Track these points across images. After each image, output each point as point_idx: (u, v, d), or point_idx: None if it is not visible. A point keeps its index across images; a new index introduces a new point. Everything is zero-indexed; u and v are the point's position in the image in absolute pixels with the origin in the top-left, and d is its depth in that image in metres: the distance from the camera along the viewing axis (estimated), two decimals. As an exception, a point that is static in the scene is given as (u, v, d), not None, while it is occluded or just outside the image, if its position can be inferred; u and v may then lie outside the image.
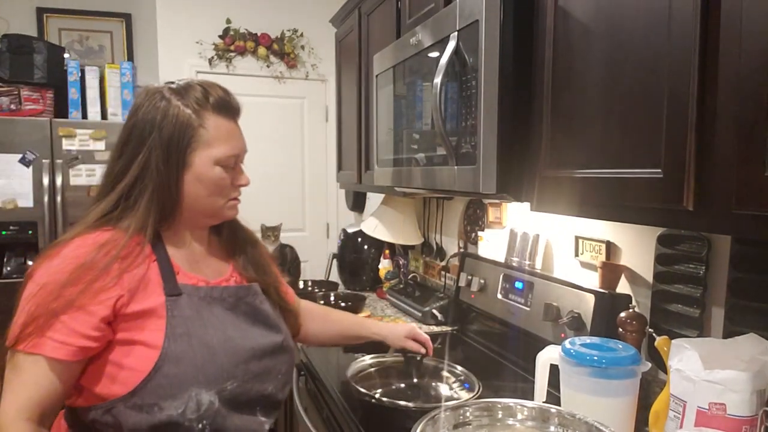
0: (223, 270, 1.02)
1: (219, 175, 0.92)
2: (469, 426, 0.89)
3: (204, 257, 1.00)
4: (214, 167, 0.92)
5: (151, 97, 0.91)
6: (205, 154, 0.91)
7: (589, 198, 0.90)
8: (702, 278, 1.05)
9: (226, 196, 0.96)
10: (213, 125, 0.91)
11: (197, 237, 1.01)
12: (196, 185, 0.91)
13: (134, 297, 0.85)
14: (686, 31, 0.71)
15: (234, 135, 0.95)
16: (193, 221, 0.97)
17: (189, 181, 0.91)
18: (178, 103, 0.89)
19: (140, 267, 0.87)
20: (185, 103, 0.90)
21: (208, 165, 0.91)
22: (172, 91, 0.91)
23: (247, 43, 3.16)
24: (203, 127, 0.90)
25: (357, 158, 2.10)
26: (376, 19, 1.92)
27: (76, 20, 3.33)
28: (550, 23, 0.98)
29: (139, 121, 0.90)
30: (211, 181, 0.92)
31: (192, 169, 0.90)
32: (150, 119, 0.89)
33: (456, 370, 1.37)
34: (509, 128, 1.05)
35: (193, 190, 0.92)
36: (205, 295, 0.93)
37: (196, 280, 0.94)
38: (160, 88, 0.92)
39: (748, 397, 0.80)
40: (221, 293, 0.95)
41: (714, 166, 0.69)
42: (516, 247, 1.60)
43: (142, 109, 0.90)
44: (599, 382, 0.93)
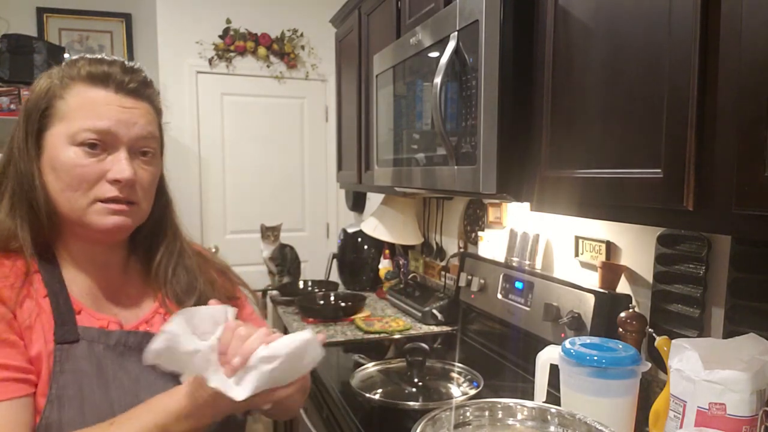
0: (145, 306, 0.78)
1: (73, 159, 0.68)
2: (469, 426, 0.89)
3: (117, 291, 0.77)
4: (68, 147, 0.69)
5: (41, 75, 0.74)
6: (57, 130, 0.69)
7: (589, 198, 0.90)
8: (702, 278, 1.05)
9: (88, 194, 0.70)
10: (75, 96, 0.70)
11: (106, 261, 0.76)
12: (50, 175, 0.70)
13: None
14: (686, 31, 0.71)
15: (107, 107, 0.70)
16: (72, 235, 0.73)
17: (44, 169, 0.70)
18: (51, 75, 0.72)
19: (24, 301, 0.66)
20: (59, 75, 0.72)
21: (60, 144, 0.69)
22: (59, 66, 0.74)
23: (247, 43, 3.16)
24: (62, 98, 0.70)
25: (357, 158, 2.10)
26: (376, 19, 1.92)
27: (77, 20, 3.33)
28: (550, 23, 0.98)
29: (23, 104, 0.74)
30: (63, 167, 0.68)
31: (45, 152, 0.70)
32: (25, 100, 0.73)
33: (461, 369, 1.37)
34: (509, 128, 1.05)
35: (49, 182, 0.70)
36: (117, 342, 0.71)
37: (105, 321, 0.72)
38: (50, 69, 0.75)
39: (747, 397, 0.80)
40: (140, 340, 0.71)
41: (714, 166, 0.69)
42: (516, 247, 1.60)
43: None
44: (599, 382, 0.93)
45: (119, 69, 0.73)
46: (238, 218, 3.26)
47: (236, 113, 3.23)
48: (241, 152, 3.25)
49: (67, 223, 0.72)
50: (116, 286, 0.77)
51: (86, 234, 0.73)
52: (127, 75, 0.73)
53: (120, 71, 0.73)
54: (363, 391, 1.26)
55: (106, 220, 0.71)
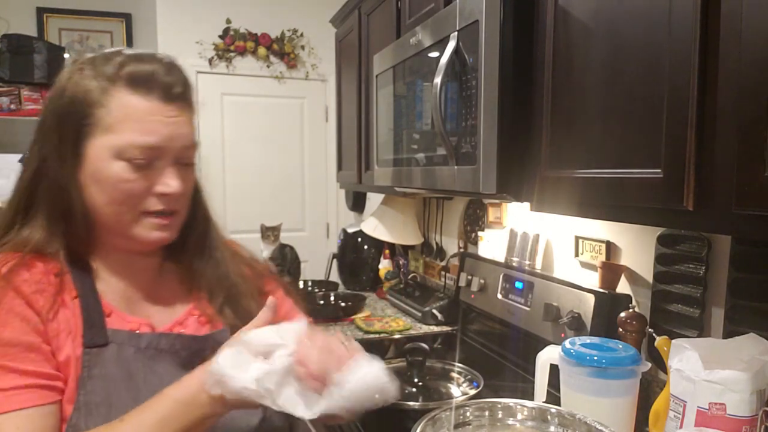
0: (178, 308, 0.76)
1: (119, 174, 0.66)
2: (469, 426, 0.89)
3: (152, 293, 0.75)
4: (113, 162, 0.66)
5: (65, 70, 0.69)
6: (100, 142, 0.66)
7: (589, 198, 0.90)
8: (702, 278, 1.05)
9: (135, 208, 0.68)
10: (119, 104, 0.66)
11: (142, 265, 0.75)
12: (92, 187, 0.67)
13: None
14: (686, 31, 0.71)
15: (153, 119, 0.67)
16: (109, 243, 0.72)
17: (84, 181, 0.67)
18: (84, 74, 0.67)
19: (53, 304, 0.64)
20: (94, 74, 0.67)
21: (105, 158, 0.66)
22: (90, 61, 0.68)
23: (247, 43, 3.16)
24: (103, 106, 0.66)
25: (357, 158, 2.10)
26: (376, 19, 1.92)
27: (77, 20, 3.33)
28: (550, 23, 0.98)
29: (46, 103, 0.69)
30: (108, 181, 0.66)
31: (86, 163, 0.66)
32: (50, 98, 0.68)
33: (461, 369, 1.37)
34: (509, 128, 1.05)
35: (91, 194, 0.67)
36: (148, 344, 0.68)
37: (136, 324, 0.70)
38: (81, 58, 0.69)
39: (748, 397, 0.80)
40: (172, 343, 0.70)
41: (714, 166, 0.69)
42: (516, 247, 1.60)
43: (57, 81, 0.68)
44: (599, 382, 0.93)
45: (162, 68, 0.69)
46: (239, 218, 3.26)
47: (236, 113, 3.23)
48: (241, 152, 3.25)
49: (106, 233, 0.70)
50: (150, 288, 0.74)
51: (127, 244, 0.72)
52: (170, 76, 0.69)
53: (163, 71, 0.69)
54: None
55: (152, 235, 0.70)
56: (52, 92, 0.68)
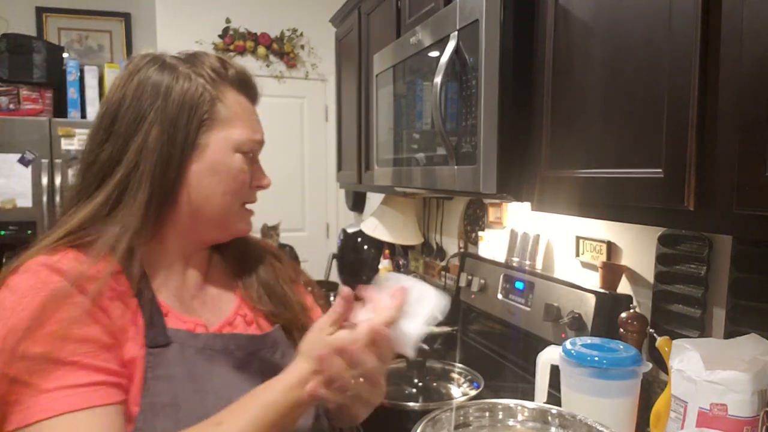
0: (225, 307, 0.76)
1: (239, 166, 0.71)
2: (470, 427, 0.89)
3: (200, 290, 0.75)
4: (234, 154, 0.71)
5: (149, 63, 0.70)
6: (222, 135, 0.70)
7: (589, 198, 0.90)
8: (703, 278, 1.04)
9: (242, 200, 0.74)
10: (233, 101, 0.72)
11: (194, 262, 0.75)
12: (209, 178, 0.69)
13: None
14: (687, 31, 0.70)
15: (256, 119, 0.76)
16: (191, 236, 0.72)
17: (199, 171, 0.68)
18: (188, 71, 0.70)
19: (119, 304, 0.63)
20: (197, 71, 0.70)
21: (227, 150, 0.70)
22: (178, 59, 0.71)
23: (246, 42, 3.15)
24: (221, 101, 0.70)
25: (357, 158, 2.10)
26: (376, 19, 1.92)
27: (76, 20, 3.33)
28: (550, 23, 0.98)
29: (135, 91, 0.68)
30: (229, 172, 0.70)
31: (205, 154, 0.69)
32: (150, 89, 0.67)
33: (461, 369, 1.37)
34: (509, 128, 1.05)
35: (205, 185, 0.69)
36: (205, 345, 0.68)
37: (192, 324, 0.69)
38: (159, 55, 0.71)
39: (749, 397, 0.80)
40: (227, 343, 0.70)
41: (715, 165, 0.68)
42: (516, 247, 1.60)
43: (138, 76, 0.68)
44: (600, 382, 0.93)
45: (248, 74, 0.77)
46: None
47: (236, 113, 3.23)
48: (240, 152, 3.25)
49: (202, 225, 0.71)
50: (200, 286, 0.75)
51: (219, 236, 0.75)
52: (255, 82, 0.78)
53: (250, 77, 0.77)
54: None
55: (246, 225, 0.76)
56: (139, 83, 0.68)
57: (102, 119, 0.69)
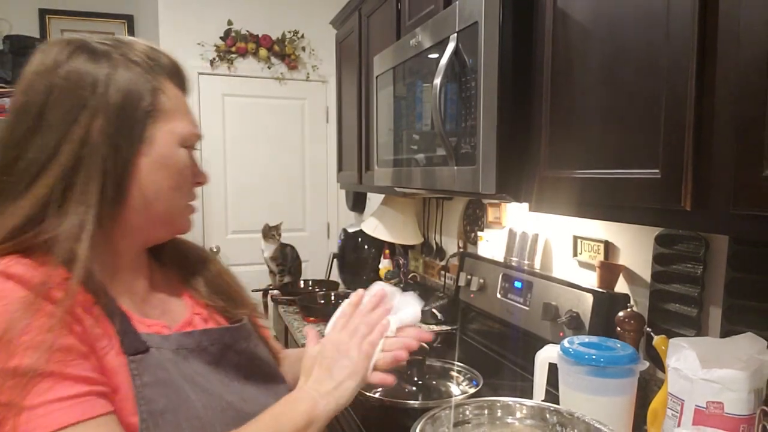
0: (178, 309, 0.73)
1: (185, 161, 0.68)
2: (469, 424, 0.89)
3: (149, 294, 0.71)
4: (179, 148, 0.67)
5: (77, 51, 0.62)
6: (167, 128, 0.65)
7: (587, 198, 0.91)
8: (700, 278, 1.05)
9: (187, 196, 0.70)
10: (171, 92, 0.67)
11: (138, 265, 0.71)
12: (158, 173, 0.65)
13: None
14: (684, 32, 0.71)
15: (189, 111, 0.71)
16: (139, 235, 0.68)
17: (148, 165, 0.64)
18: (123, 59, 0.64)
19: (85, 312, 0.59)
20: (132, 59, 0.64)
21: (173, 144, 0.66)
22: (108, 45, 0.64)
23: (248, 44, 3.16)
24: (163, 92, 0.65)
25: (357, 159, 2.11)
26: (376, 21, 1.93)
27: (79, 21, 3.34)
28: (549, 24, 0.99)
29: (66, 81, 0.60)
30: (176, 167, 0.66)
31: (153, 147, 0.64)
32: (87, 78, 0.61)
33: (460, 368, 1.37)
34: (508, 129, 1.05)
35: (153, 180, 0.64)
36: (179, 345, 0.65)
37: (157, 327, 0.67)
38: (84, 42, 0.64)
39: (745, 396, 0.80)
40: (199, 340, 0.68)
41: (712, 166, 0.69)
42: (515, 247, 1.60)
43: (67, 65, 0.61)
44: (597, 380, 0.94)
45: (180, 63, 0.71)
46: (240, 218, 3.27)
47: (237, 114, 3.24)
48: (242, 153, 3.26)
49: (138, 223, 0.66)
50: (148, 290, 0.71)
51: (153, 235, 0.70)
52: (184, 69, 0.71)
53: (181, 66, 0.71)
54: (363, 390, 1.26)
55: (189, 222, 0.72)
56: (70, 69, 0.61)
57: (23, 111, 0.61)
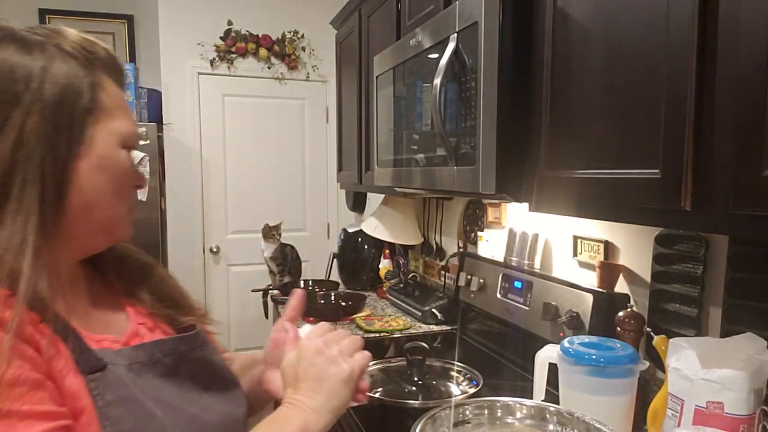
0: (121, 321, 0.67)
1: (125, 163, 0.62)
2: (469, 424, 0.90)
3: (90, 307, 0.65)
4: (120, 150, 0.61)
5: (4, 41, 0.57)
6: (108, 127, 0.60)
7: (587, 198, 0.91)
8: (700, 278, 1.05)
9: (127, 201, 0.64)
10: (110, 88, 0.61)
11: (76, 275, 0.65)
12: (98, 176, 0.59)
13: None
14: (684, 33, 0.71)
15: (131, 111, 0.65)
16: (77, 245, 0.62)
17: (88, 168, 0.58)
18: (57, 50, 0.58)
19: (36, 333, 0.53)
20: (68, 51, 0.58)
21: (113, 145, 0.60)
22: (40, 35, 0.58)
23: (248, 44, 3.17)
24: (102, 88, 0.60)
25: (357, 159, 2.11)
26: (376, 21, 1.93)
27: (79, 21, 3.34)
28: (549, 25, 0.99)
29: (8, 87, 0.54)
30: (117, 170, 0.61)
31: (92, 148, 0.58)
32: (19, 70, 0.55)
33: (460, 368, 1.38)
34: (508, 129, 1.06)
35: (94, 184, 0.59)
36: (131, 360, 0.60)
37: (106, 341, 0.61)
38: (12, 30, 0.58)
39: (745, 396, 0.80)
40: (151, 352, 0.62)
41: (712, 166, 0.69)
42: (515, 247, 1.61)
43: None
44: (597, 380, 0.94)
45: (117, 57, 0.65)
46: (240, 218, 3.27)
47: (238, 114, 3.24)
48: (242, 153, 3.26)
49: (77, 231, 0.60)
50: (88, 301, 0.65)
51: (94, 243, 0.64)
52: (121, 63, 0.65)
53: (118, 59, 0.65)
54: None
55: (129, 229, 0.66)
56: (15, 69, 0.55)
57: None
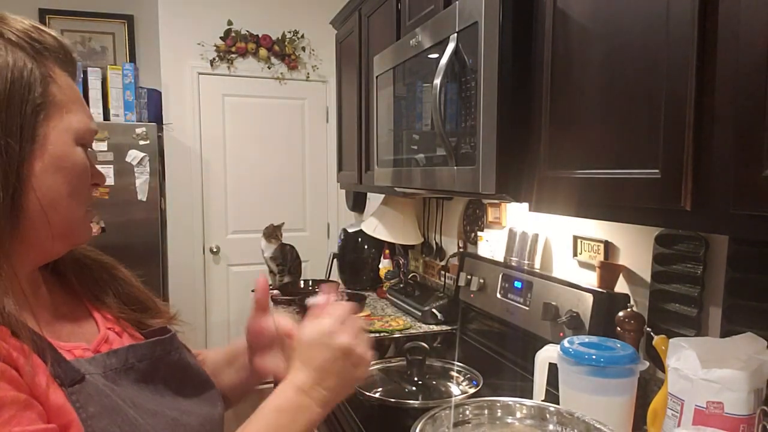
0: (88, 327, 0.64)
1: (82, 161, 0.58)
2: (469, 424, 0.90)
3: (53, 315, 0.62)
4: (76, 147, 0.57)
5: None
6: (61, 124, 0.56)
7: (587, 198, 0.91)
8: (699, 278, 1.05)
9: (85, 202, 0.60)
10: (62, 80, 0.57)
11: (35, 283, 0.61)
12: (53, 177, 0.55)
13: None
14: (684, 32, 0.71)
15: (86, 105, 0.61)
16: (36, 251, 0.58)
17: (42, 170, 0.55)
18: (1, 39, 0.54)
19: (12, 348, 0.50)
20: (13, 41, 0.54)
21: (68, 142, 0.57)
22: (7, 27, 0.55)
23: (248, 44, 3.17)
24: (54, 81, 0.56)
25: (357, 159, 2.11)
26: (376, 21, 1.93)
27: (79, 22, 3.34)
28: (548, 25, 0.99)
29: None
30: (73, 169, 0.57)
31: (45, 148, 0.55)
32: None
33: (460, 368, 1.38)
34: (508, 129, 1.06)
35: (49, 187, 0.55)
36: (105, 367, 0.58)
37: (77, 349, 0.58)
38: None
39: (745, 396, 0.80)
40: (125, 358, 0.60)
41: (712, 166, 0.69)
42: (515, 247, 1.61)
43: None
44: (597, 380, 0.94)
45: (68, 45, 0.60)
46: (240, 218, 3.27)
47: (237, 114, 3.25)
48: (242, 153, 3.26)
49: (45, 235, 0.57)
50: (52, 310, 0.62)
51: (61, 247, 0.60)
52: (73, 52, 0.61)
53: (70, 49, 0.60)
54: (363, 390, 1.26)
55: (89, 232, 0.62)
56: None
57: None
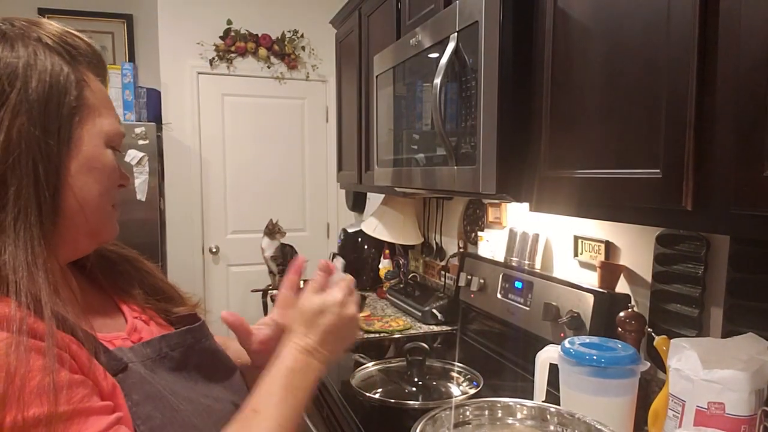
0: (117, 318, 0.67)
1: (111, 162, 0.61)
2: (469, 425, 0.89)
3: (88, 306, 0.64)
4: (106, 149, 0.60)
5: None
6: (94, 127, 0.59)
7: (588, 198, 0.91)
8: (701, 278, 1.05)
9: (112, 200, 0.63)
10: (94, 85, 0.60)
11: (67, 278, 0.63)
12: (86, 177, 0.58)
13: None
14: (685, 32, 0.71)
15: (114, 109, 0.64)
16: (68, 248, 0.61)
17: (77, 169, 0.57)
18: (39, 45, 0.56)
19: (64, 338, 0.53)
20: (49, 46, 0.57)
21: (100, 144, 0.60)
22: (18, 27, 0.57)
23: (247, 44, 3.16)
24: (87, 85, 0.59)
25: (357, 158, 2.11)
26: (376, 20, 1.92)
27: (78, 21, 3.34)
28: (549, 24, 0.99)
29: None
30: (104, 170, 0.60)
31: (80, 149, 0.58)
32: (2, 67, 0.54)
33: (461, 368, 1.37)
34: (509, 128, 1.05)
35: (83, 187, 0.58)
36: (143, 357, 0.61)
37: (118, 340, 0.62)
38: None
39: (746, 396, 0.80)
40: (159, 347, 0.63)
41: (713, 166, 0.69)
42: (515, 247, 1.60)
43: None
44: (598, 381, 0.94)
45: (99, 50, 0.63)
46: (239, 218, 3.27)
47: (237, 114, 3.24)
48: (241, 152, 3.25)
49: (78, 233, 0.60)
50: (83, 303, 0.63)
51: (89, 244, 0.63)
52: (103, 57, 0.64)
53: (101, 53, 0.64)
54: (363, 391, 1.26)
55: (115, 229, 0.65)
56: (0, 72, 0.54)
57: None
